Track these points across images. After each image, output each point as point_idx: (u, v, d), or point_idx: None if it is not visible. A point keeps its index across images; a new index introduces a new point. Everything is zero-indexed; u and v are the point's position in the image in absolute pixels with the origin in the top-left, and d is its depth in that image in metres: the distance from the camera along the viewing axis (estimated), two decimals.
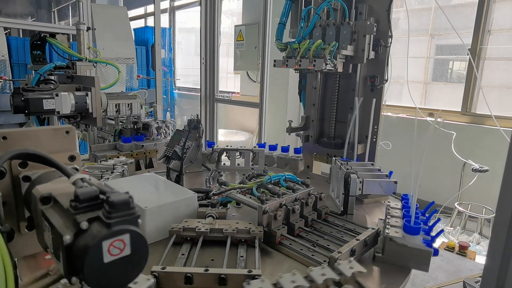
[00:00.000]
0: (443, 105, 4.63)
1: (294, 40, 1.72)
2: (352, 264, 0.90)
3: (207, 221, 1.12)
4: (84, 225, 0.48)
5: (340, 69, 1.67)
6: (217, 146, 1.88)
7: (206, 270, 0.87)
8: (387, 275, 1.01)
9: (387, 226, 1.08)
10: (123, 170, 1.53)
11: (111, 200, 0.48)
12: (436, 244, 2.37)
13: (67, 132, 0.76)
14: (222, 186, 1.32)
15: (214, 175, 1.66)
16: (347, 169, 1.35)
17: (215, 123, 2.66)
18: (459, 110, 4.27)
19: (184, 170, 1.74)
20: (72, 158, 0.76)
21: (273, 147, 1.98)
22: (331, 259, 0.96)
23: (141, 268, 0.51)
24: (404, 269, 1.02)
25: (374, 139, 1.82)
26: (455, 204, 3.68)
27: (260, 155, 1.85)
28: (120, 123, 2.31)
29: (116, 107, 2.18)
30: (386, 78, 1.78)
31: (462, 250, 1.99)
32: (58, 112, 1.63)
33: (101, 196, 0.52)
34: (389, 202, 1.32)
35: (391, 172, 1.42)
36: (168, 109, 7.08)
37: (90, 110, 1.74)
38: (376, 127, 1.81)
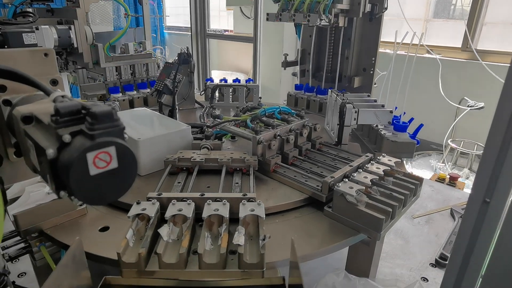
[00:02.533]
0: (443, 42, 4.47)
1: None
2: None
3: (202, 152, 1.12)
4: (66, 138, 0.46)
5: (341, 24, 1.58)
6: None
7: (202, 195, 0.88)
8: None
9: (382, 132, 1.33)
10: (115, 106, 1.50)
11: (93, 111, 0.46)
12: (427, 177, 2.43)
13: (45, 54, 0.72)
14: (216, 119, 1.29)
15: (208, 111, 1.63)
16: (343, 99, 1.32)
17: (207, 60, 2.56)
18: (459, 46, 4.14)
19: (178, 107, 1.71)
20: (54, 83, 0.72)
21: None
22: (323, 184, 0.97)
23: (130, 182, 0.50)
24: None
25: (372, 72, 1.77)
26: (448, 141, 3.73)
27: (255, 90, 1.81)
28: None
29: (131, 69, 1.91)
30: (386, 6, 1.68)
31: (452, 181, 2.04)
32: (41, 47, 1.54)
33: (83, 111, 0.50)
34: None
35: (412, 119, 1.43)
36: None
37: (75, 45, 1.65)
38: (374, 58, 1.75)
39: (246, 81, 1.91)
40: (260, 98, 1.78)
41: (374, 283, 0.81)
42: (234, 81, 1.90)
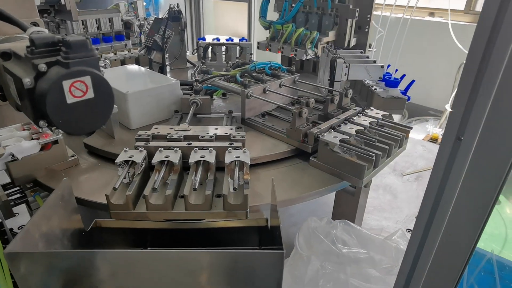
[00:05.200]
0: (446, 4, 4.34)
1: (277, 19, 1.67)
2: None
3: (181, 127, 0.99)
4: (42, 67, 0.46)
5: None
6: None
7: (189, 144, 0.90)
8: None
9: (373, 87, 1.33)
10: (105, 65, 1.49)
11: (67, 40, 0.46)
12: (421, 137, 2.44)
13: None
14: (205, 74, 1.29)
15: (199, 70, 1.62)
16: (334, 54, 1.31)
17: (201, 20, 2.50)
18: (462, 9, 4.03)
19: (170, 66, 1.70)
20: (34, 25, 0.71)
21: None
22: (309, 135, 0.99)
23: (108, 113, 0.51)
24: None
25: (366, 30, 1.74)
26: (446, 106, 3.71)
27: (248, 49, 1.78)
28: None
29: (96, 23, 1.95)
30: None
31: None
32: None
33: (60, 44, 0.50)
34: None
35: (404, 75, 1.42)
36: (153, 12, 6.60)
37: (63, 2, 1.61)
38: (368, 16, 1.71)
39: (240, 40, 1.88)
40: (251, 54, 1.75)
41: (353, 224, 0.85)
42: (227, 40, 1.87)
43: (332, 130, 0.98)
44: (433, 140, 2.07)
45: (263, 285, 0.55)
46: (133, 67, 1.37)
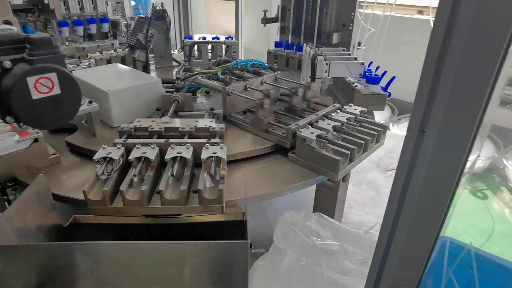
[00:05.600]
0: (434, 2, 4.38)
1: None
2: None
3: (162, 120, 1.03)
4: (7, 63, 0.47)
5: None
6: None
7: (167, 141, 0.91)
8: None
9: (354, 84, 1.35)
10: (89, 64, 1.49)
11: (31, 37, 0.47)
12: (393, 130, 2.43)
13: None
14: (188, 72, 1.30)
15: (183, 68, 1.63)
16: (315, 52, 1.33)
17: (189, 19, 2.50)
18: None
19: (155, 65, 1.70)
20: (7, 23, 0.72)
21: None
22: (288, 131, 1.01)
23: (75, 109, 0.52)
24: (368, 112, 1.27)
25: (350, 27, 1.76)
26: None
27: (233, 47, 1.80)
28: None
29: (79, 4, 1.99)
30: None
31: None
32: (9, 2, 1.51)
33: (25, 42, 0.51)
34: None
35: (385, 72, 1.44)
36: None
37: (46, 1, 1.61)
38: (352, 13, 1.73)
39: (226, 38, 1.89)
40: (234, 52, 1.77)
41: (327, 217, 0.86)
42: (213, 38, 1.88)
43: (310, 126, 1.00)
44: None
45: (230, 274, 0.57)
46: (116, 65, 1.38)
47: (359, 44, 2.44)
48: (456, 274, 1.26)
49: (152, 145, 0.88)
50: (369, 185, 1.52)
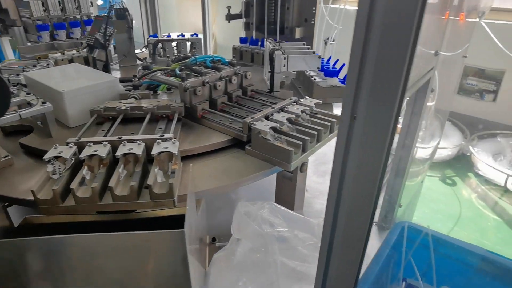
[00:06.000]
0: None
1: None
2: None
3: (129, 101, 1.14)
4: None
5: None
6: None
7: (120, 138, 0.91)
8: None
9: (313, 78, 1.38)
10: (48, 64, 1.47)
11: None
12: None
13: None
14: (146, 69, 1.30)
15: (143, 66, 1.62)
16: (273, 46, 1.35)
17: (157, 17, 2.48)
18: None
19: (119, 64, 1.69)
20: None
21: None
22: (244, 124, 1.03)
23: (4, 108, 0.52)
24: (327, 104, 1.34)
25: (312, 22, 1.79)
26: None
27: (197, 44, 1.80)
28: None
29: (60, 5, 1.83)
30: None
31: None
32: None
33: None
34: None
35: (343, 65, 1.47)
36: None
37: None
38: (314, 8, 1.77)
39: (191, 35, 1.89)
40: (195, 49, 1.77)
41: (279, 205, 0.89)
42: (178, 36, 1.88)
43: (265, 119, 1.02)
44: None
45: (169, 264, 0.58)
46: (74, 65, 1.37)
47: (328, 39, 2.48)
48: (416, 257, 1.31)
49: (104, 143, 0.88)
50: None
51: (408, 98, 1.07)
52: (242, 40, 1.94)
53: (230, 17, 1.93)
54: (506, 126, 3.56)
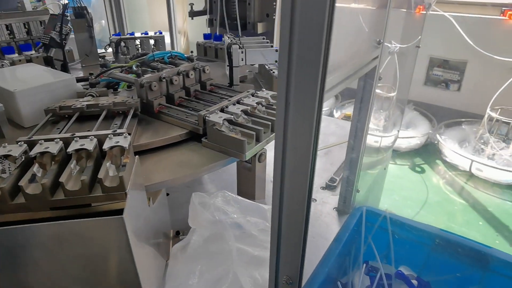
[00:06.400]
0: None
1: None
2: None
3: (85, 99, 1.14)
4: None
5: None
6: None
7: (73, 135, 0.92)
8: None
9: (272, 71, 1.40)
10: (2, 65, 1.44)
11: None
12: (336, 115, 2.60)
13: None
14: (103, 67, 1.30)
15: (100, 64, 1.61)
16: (231, 41, 1.37)
17: (123, 16, 2.45)
18: None
19: (81, 64, 1.67)
20: None
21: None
22: (199, 117, 1.05)
23: None
24: None
25: (274, 17, 1.83)
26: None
27: (161, 42, 1.80)
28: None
29: (26, 27, 1.69)
30: None
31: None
32: None
33: None
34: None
35: None
36: None
37: None
38: (274, 3, 1.80)
39: (155, 33, 1.89)
40: (154, 46, 1.78)
41: (231, 194, 0.92)
42: (142, 34, 1.88)
43: (219, 112, 1.04)
44: (347, 117, 2.22)
45: (113, 250, 0.60)
46: (28, 65, 1.35)
47: None
48: (378, 240, 1.37)
49: (56, 140, 0.89)
50: None
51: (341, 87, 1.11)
52: (206, 36, 1.95)
53: (193, 13, 1.94)
54: (470, 114, 3.72)
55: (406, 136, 3.52)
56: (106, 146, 0.86)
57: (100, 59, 1.47)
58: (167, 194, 1.42)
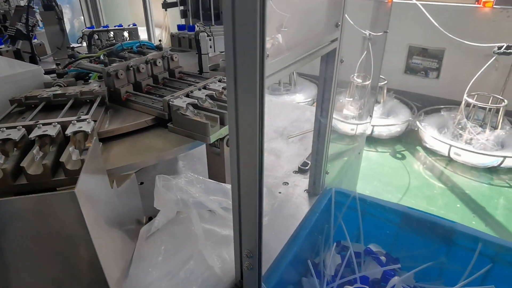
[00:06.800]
0: None
1: None
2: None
3: (52, 89, 1.15)
4: None
5: None
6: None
7: (36, 122, 0.93)
8: None
9: None
10: None
11: None
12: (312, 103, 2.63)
13: None
14: (72, 58, 1.30)
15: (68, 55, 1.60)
16: (199, 29, 1.39)
17: (99, 9, 2.44)
18: None
19: (53, 57, 1.67)
20: None
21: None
22: (164, 102, 1.06)
23: None
24: None
25: None
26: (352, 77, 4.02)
27: (134, 34, 1.81)
28: None
29: None
30: None
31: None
32: None
33: None
34: None
35: None
36: None
37: None
38: None
39: (129, 25, 1.89)
40: (123, 37, 1.78)
41: (195, 175, 0.94)
42: (115, 26, 1.88)
43: (183, 96, 1.06)
44: None
45: (68, 226, 0.62)
46: None
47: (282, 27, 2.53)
48: (349, 220, 1.41)
49: (18, 127, 0.90)
50: (271, 152, 1.63)
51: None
52: (180, 27, 1.96)
53: (166, 5, 1.94)
54: (449, 101, 3.79)
55: (387, 124, 3.58)
56: (68, 131, 0.87)
57: (68, 50, 1.47)
58: (142, 183, 1.44)
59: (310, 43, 0.90)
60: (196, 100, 1.04)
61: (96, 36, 1.81)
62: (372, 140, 3.66)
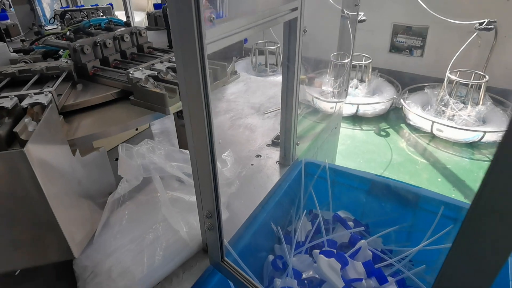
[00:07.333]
0: None
1: None
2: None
3: (18, 65, 1.15)
4: None
5: None
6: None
7: None
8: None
9: None
10: None
11: None
12: None
13: None
14: (38, 35, 1.31)
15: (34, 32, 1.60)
16: (164, 4, 1.39)
17: None
18: None
19: (25, 37, 1.66)
20: None
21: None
22: (127, 75, 1.08)
23: None
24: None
25: None
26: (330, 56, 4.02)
27: (108, 13, 1.80)
28: None
29: None
30: None
31: (311, 81, 2.29)
32: None
33: None
34: None
35: None
36: None
37: None
38: None
39: (107, 5, 1.88)
40: (93, 13, 1.78)
41: (156, 143, 0.97)
42: (91, 6, 1.87)
43: (142, 68, 1.08)
44: (302, 80, 2.28)
45: (21, 186, 0.64)
46: None
47: None
48: (320, 189, 1.45)
49: None
50: (247, 127, 1.65)
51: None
52: (156, 6, 1.95)
53: None
54: (433, 79, 3.82)
55: (372, 102, 3.61)
56: (25, 103, 0.89)
57: (34, 27, 1.47)
58: (117, 159, 1.47)
59: (266, 10, 0.92)
60: (157, 72, 1.06)
61: (69, 17, 1.80)
62: (357, 119, 3.69)
